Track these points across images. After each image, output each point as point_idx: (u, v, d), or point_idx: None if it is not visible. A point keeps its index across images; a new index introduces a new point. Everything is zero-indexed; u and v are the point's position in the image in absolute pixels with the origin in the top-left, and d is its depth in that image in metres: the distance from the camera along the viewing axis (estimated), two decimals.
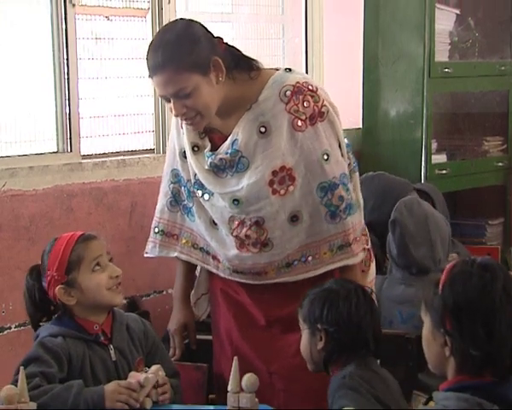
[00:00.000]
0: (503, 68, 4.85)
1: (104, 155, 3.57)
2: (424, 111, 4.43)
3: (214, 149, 2.38)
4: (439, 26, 4.48)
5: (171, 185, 2.52)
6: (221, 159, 2.35)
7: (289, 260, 2.36)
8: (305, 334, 2.17)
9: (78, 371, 2.24)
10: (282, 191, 2.32)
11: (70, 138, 3.42)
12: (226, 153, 2.34)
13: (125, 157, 3.59)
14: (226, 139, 2.36)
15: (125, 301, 3.42)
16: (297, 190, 2.32)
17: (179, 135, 2.47)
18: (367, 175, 3.69)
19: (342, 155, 2.39)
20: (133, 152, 3.70)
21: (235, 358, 2.04)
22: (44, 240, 3.18)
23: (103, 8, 3.60)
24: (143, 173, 3.61)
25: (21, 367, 2.00)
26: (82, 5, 3.46)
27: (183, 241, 2.51)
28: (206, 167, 2.38)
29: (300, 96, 2.31)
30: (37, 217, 3.22)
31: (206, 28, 2.31)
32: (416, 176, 4.38)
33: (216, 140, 2.38)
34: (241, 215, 2.36)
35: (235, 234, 2.38)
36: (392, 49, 4.48)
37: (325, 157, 2.33)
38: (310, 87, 2.33)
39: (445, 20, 4.59)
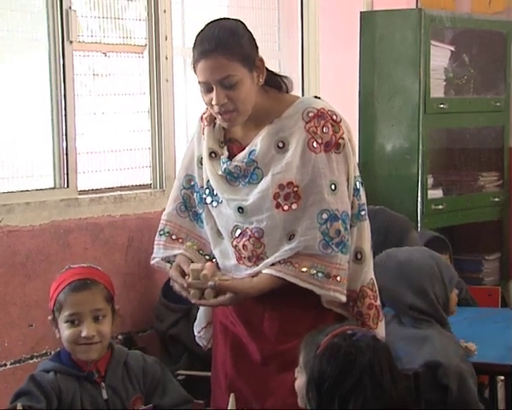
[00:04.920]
0: (497, 104, 4.88)
1: (101, 190, 3.57)
2: (420, 146, 4.45)
3: (231, 158, 2.39)
4: (435, 63, 4.51)
5: (183, 191, 2.52)
6: (236, 166, 2.36)
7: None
8: (302, 379, 2.03)
9: (68, 408, 2.23)
10: (286, 207, 2.31)
11: (67, 174, 3.41)
12: (242, 161, 2.36)
13: (122, 192, 3.59)
14: (244, 150, 2.39)
15: (120, 337, 3.42)
16: (299, 210, 2.32)
17: (200, 141, 2.48)
18: (368, 208, 3.68)
19: (348, 196, 2.37)
20: (130, 187, 3.70)
21: (232, 395, 2.02)
22: (41, 276, 3.20)
23: (101, 44, 3.61)
24: (140, 209, 3.61)
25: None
26: (79, 42, 3.47)
27: (189, 244, 2.49)
28: (220, 173, 2.39)
29: (322, 121, 2.33)
30: (34, 253, 3.21)
31: (251, 32, 2.38)
32: (413, 211, 4.39)
33: (234, 150, 2.40)
34: (244, 225, 2.36)
35: (234, 243, 2.38)
36: (388, 85, 4.52)
37: (333, 187, 2.32)
38: (333, 117, 2.35)
39: (440, 57, 4.63)
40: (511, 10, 5.04)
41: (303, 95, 4.52)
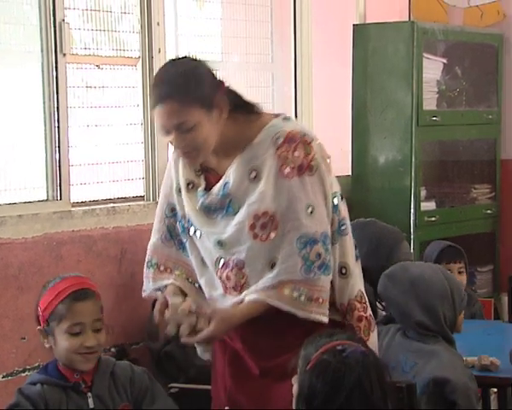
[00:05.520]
0: (490, 117, 4.90)
1: (94, 202, 3.56)
2: (413, 159, 4.47)
3: (209, 188, 2.38)
4: (427, 75, 4.53)
5: (167, 220, 2.50)
6: (212, 200, 2.35)
7: None
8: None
9: None
10: (264, 237, 2.29)
11: (60, 186, 3.42)
12: (217, 194, 2.35)
13: (115, 205, 3.59)
14: (220, 179, 2.37)
15: (113, 350, 3.41)
16: (278, 238, 2.30)
17: (177, 170, 2.46)
18: (358, 221, 3.70)
19: (327, 215, 2.35)
20: (123, 199, 3.69)
21: (226, 409, 2.02)
22: (33, 288, 3.18)
23: (94, 56, 3.62)
24: (133, 221, 3.60)
25: None
26: (73, 54, 3.48)
27: (177, 273, 2.47)
28: (198, 207, 2.38)
29: (292, 145, 2.30)
30: (27, 265, 3.20)
31: (211, 69, 2.34)
32: (406, 223, 4.40)
33: (211, 180, 2.39)
34: (226, 256, 2.35)
35: (219, 274, 2.37)
36: (381, 98, 4.53)
37: (309, 210, 2.30)
38: (304, 138, 2.31)
39: (433, 70, 4.65)
40: (503, 23, 5.06)
41: (296, 108, 4.53)
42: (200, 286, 2.46)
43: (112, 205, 3.58)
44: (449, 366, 2.72)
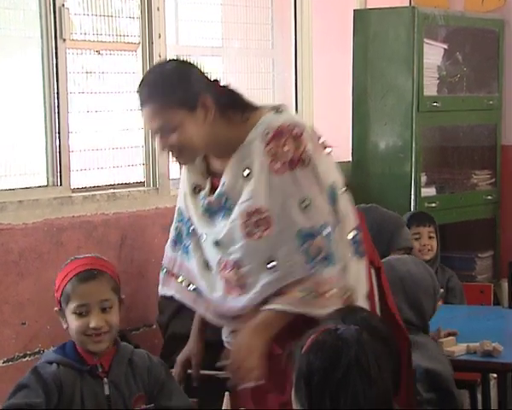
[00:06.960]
0: (490, 102, 4.90)
1: (94, 188, 3.56)
2: (413, 144, 4.47)
3: (214, 190, 2.38)
4: (428, 61, 4.53)
5: (177, 224, 2.53)
6: (209, 202, 2.36)
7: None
8: None
9: (69, 401, 2.25)
10: (257, 235, 2.28)
11: (60, 172, 3.41)
12: (214, 196, 2.36)
13: (115, 190, 3.59)
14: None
15: None
16: (273, 236, 2.27)
17: (184, 174, 2.49)
18: (359, 207, 3.70)
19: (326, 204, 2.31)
20: (123, 185, 3.69)
21: (227, 394, 2.03)
22: (34, 274, 3.20)
23: (94, 42, 3.61)
24: (133, 207, 3.60)
25: None
26: (73, 40, 3.47)
27: (180, 279, 2.50)
28: (201, 211, 2.39)
29: (282, 140, 2.27)
30: (27, 251, 3.21)
31: (200, 70, 2.34)
32: (406, 209, 4.40)
33: (216, 183, 2.39)
34: (225, 257, 2.35)
35: (221, 275, 2.38)
36: (381, 83, 4.53)
37: (304, 205, 2.27)
38: (294, 131, 2.28)
39: (434, 55, 4.64)
40: (504, 8, 5.05)
41: (296, 94, 4.53)
42: (199, 292, 2.45)
43: (112, 191, 3.58)
44: (436, 358, 2.85)
